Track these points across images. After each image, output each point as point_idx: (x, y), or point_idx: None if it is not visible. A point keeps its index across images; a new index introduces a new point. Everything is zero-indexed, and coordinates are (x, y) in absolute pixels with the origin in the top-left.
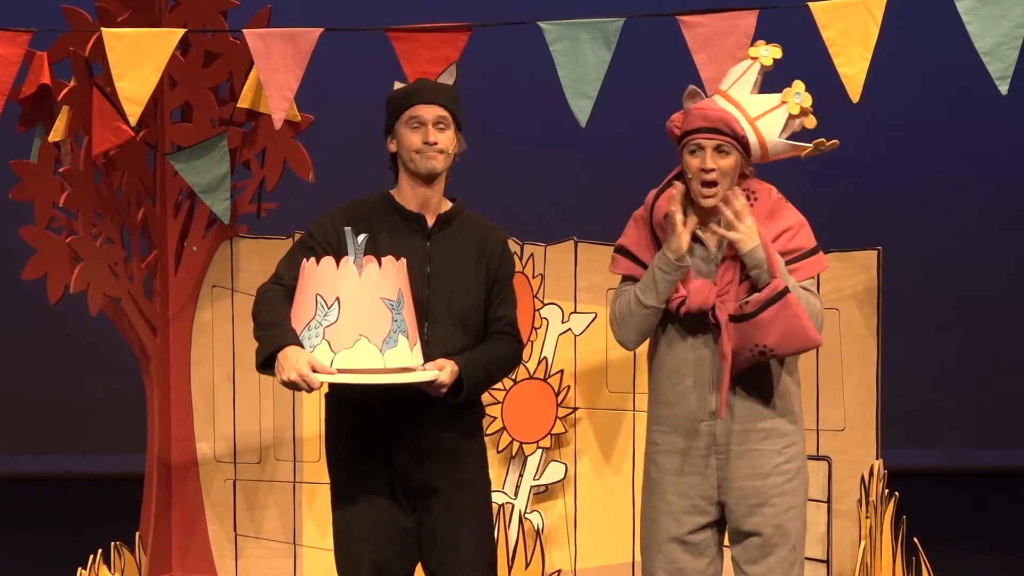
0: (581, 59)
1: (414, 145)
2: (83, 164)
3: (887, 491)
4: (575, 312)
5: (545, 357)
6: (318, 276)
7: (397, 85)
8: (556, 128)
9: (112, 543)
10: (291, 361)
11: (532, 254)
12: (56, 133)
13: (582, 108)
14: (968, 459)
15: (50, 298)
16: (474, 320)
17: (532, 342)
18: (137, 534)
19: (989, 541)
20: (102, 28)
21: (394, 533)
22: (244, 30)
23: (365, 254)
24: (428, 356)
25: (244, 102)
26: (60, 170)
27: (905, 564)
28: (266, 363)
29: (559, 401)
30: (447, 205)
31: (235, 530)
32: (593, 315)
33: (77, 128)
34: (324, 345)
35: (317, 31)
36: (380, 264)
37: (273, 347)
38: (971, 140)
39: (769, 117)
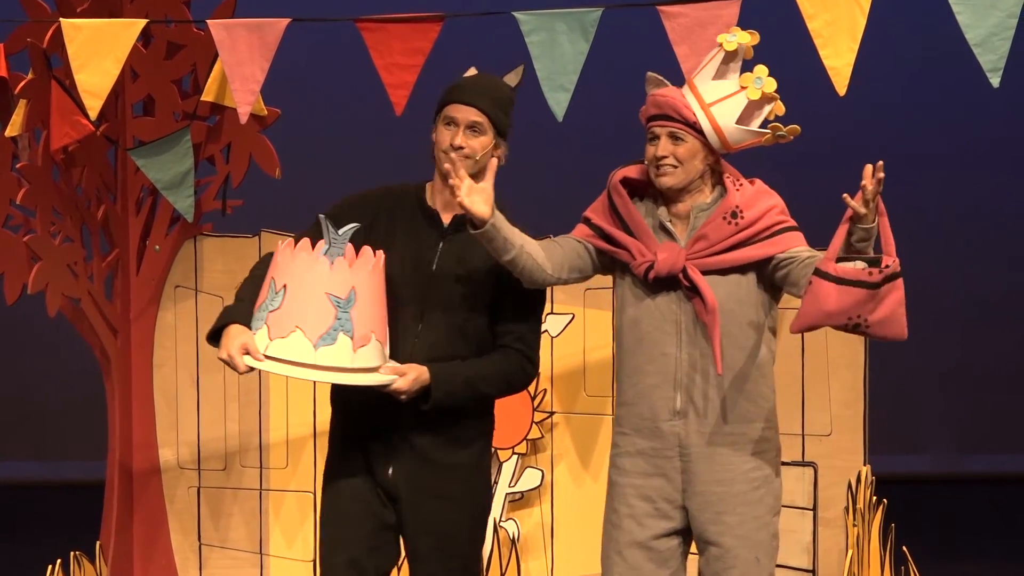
0: (558, 51)
1: (442, 144)
2: (41, 160)
3: (875, 498)
4: (551, 313)
5: None
6: (278, 259)
7: (472, 71)
8: (533, 123)
9: (72, 553)
10: (229, 339)
11: None
12: (13, 127)
13: (559, 101)
14: (958, 465)
15: (7, 299)
16: (474, 329)
17: None
18: (97, 543)
19: (980, 549)
20: (61, 18)
21: (370, 529)
22: (208, 21)
23: (369, 244)
24: (416, 357)
25: (208, 95)
26: (17, 166)
27: (894, 573)
28: (216, 336)
29: (535, 405)
30: None
31: (199, 539)
32: (570, 316)
33: (35, 122)
34: (264, 330)
35: (284, 22)
36: (375, 255)
37: (221, 322)
38: (965, 136)
39: (726, 103)
